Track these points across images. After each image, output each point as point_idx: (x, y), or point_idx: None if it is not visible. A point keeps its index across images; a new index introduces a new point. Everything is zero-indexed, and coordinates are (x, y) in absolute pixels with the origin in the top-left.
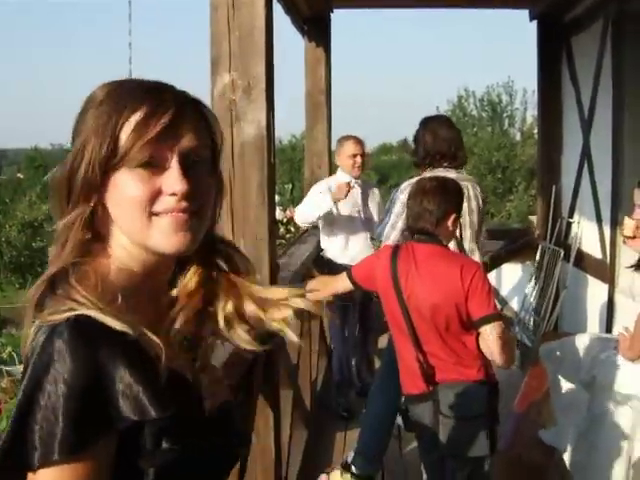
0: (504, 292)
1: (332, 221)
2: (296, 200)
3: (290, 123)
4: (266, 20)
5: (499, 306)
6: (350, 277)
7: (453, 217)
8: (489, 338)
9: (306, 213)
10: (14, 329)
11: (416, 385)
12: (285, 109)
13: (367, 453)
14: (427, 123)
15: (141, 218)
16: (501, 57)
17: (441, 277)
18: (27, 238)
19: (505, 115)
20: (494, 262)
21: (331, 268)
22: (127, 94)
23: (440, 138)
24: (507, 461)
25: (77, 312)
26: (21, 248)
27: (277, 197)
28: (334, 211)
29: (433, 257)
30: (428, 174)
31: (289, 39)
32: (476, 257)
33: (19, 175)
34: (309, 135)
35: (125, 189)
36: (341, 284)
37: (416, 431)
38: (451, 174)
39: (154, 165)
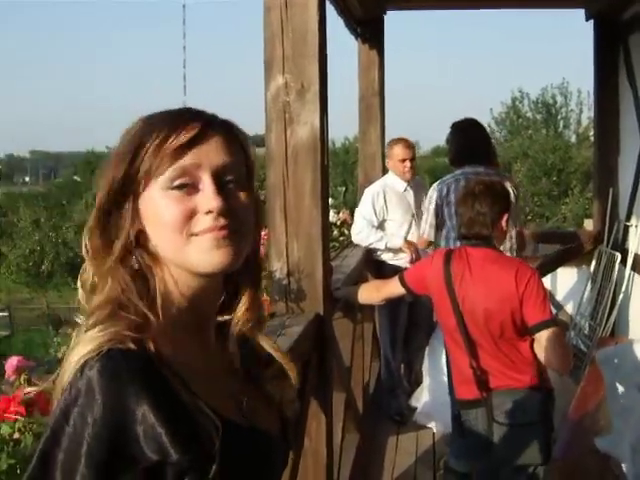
0: (559, 296)
1: (385, 225)
2: (349, 203)
3: (343, 126)
4: (319, 22)
5: (554, 311)
6: (403, 282)
7: (505, 217)
8: (545, 344)
9: (364, 241)
10: (70, 329)
11: (469, 391)
12: (338, 111)
13: None
14: (456, 125)
15: (179, 240)
16: (556, 58)
17: (495, 282)
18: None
19: (560, 117)
20: (549, 266)
21: (383, 270)
22: (155, 121)
23: (470, 137)
24: (562, 469)
25: (109, 347)
26: (77, 249)
27: (330, 200)
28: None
29: (487, 261)
30: (459, 171)
31: (342, 41)
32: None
33: (75, 178)
34: (362, 138)
35: (160, 212)
36: (394, 289)
37: (469, 437)
38: (480, 169)
39: (188, 187)
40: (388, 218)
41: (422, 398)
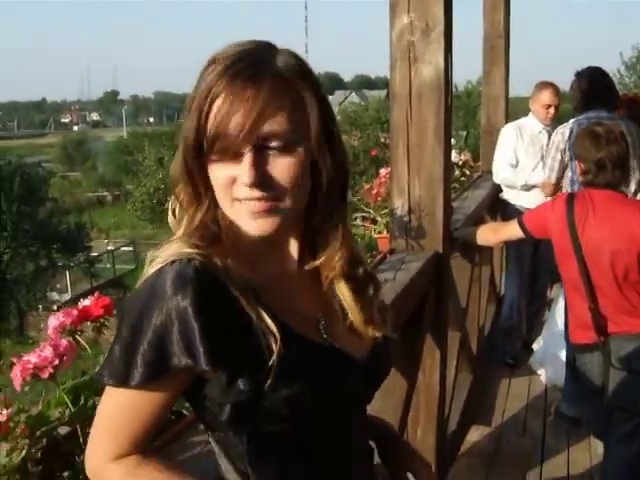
0: None
1: (516, 165)
2: (470, 147)
3: (466, 68)
4: None
5: None
6: (522, 225)
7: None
8: None
9: (506, 181)
10: None
11: (586, 335)
12: (461, 54)
13: None
14: (580, 73)
15: (226, 202)
16: None
17: (622, 223)
18: None
19: None
20: None
21: (505, 209)
22: (222, 69)
23: (593, 83)
24: None
25: (176, 257)
26: None
27: (452, 140)
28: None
29: (612, 203)
30: (582, 116)
31: None
32: None
33: None
34: (486, 80)
35: (213, 174)
36: (512, 232)
37: (582, 382)
38: (603, 114)
39: (232, 154)
40: (518, 157)
41: (538, 344)
